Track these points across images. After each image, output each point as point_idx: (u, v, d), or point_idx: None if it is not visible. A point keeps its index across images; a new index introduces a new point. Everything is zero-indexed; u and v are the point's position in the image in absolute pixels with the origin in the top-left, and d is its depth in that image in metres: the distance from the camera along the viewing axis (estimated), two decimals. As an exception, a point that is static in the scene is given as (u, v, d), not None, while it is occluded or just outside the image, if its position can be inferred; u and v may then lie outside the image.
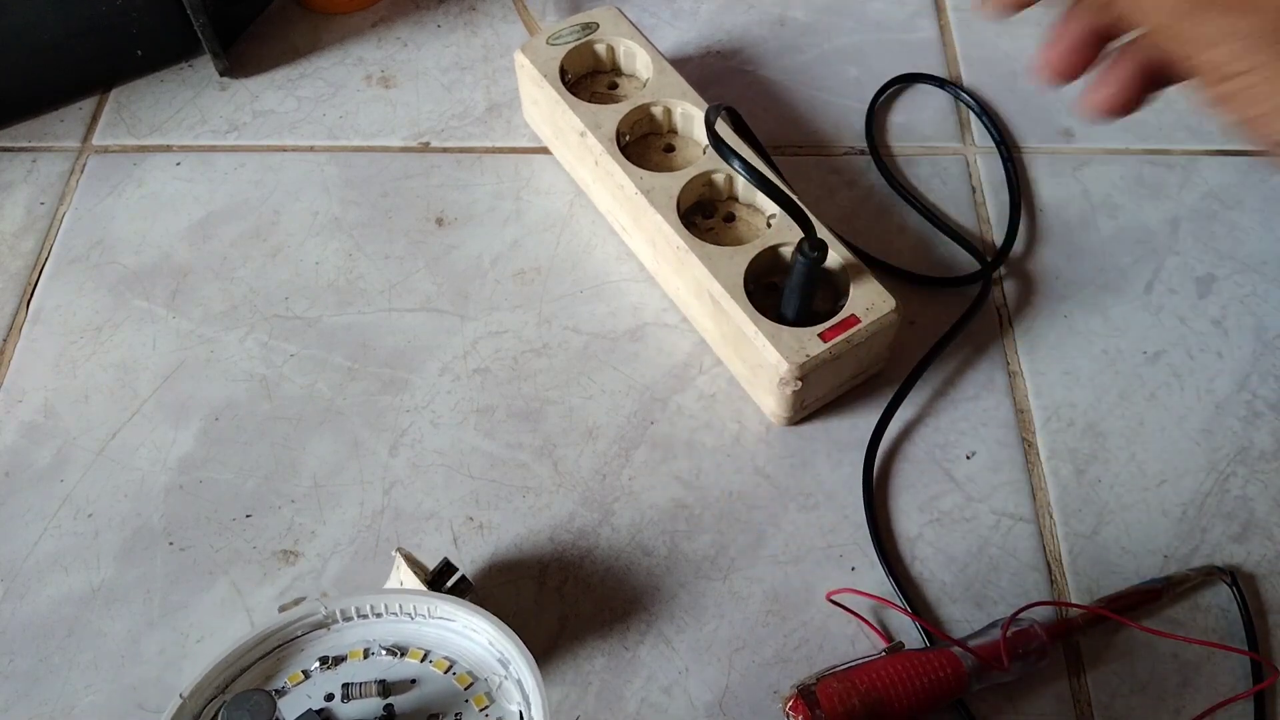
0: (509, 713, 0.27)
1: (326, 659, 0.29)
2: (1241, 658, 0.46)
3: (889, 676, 0.42)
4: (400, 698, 0.28)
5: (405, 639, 0.29)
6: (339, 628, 0.30)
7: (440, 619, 0.29)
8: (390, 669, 0.29)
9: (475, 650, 0.29)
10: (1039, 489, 0.50)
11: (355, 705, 0.28)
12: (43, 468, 0.51)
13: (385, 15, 0.69)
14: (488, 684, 0.28)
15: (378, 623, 0.30)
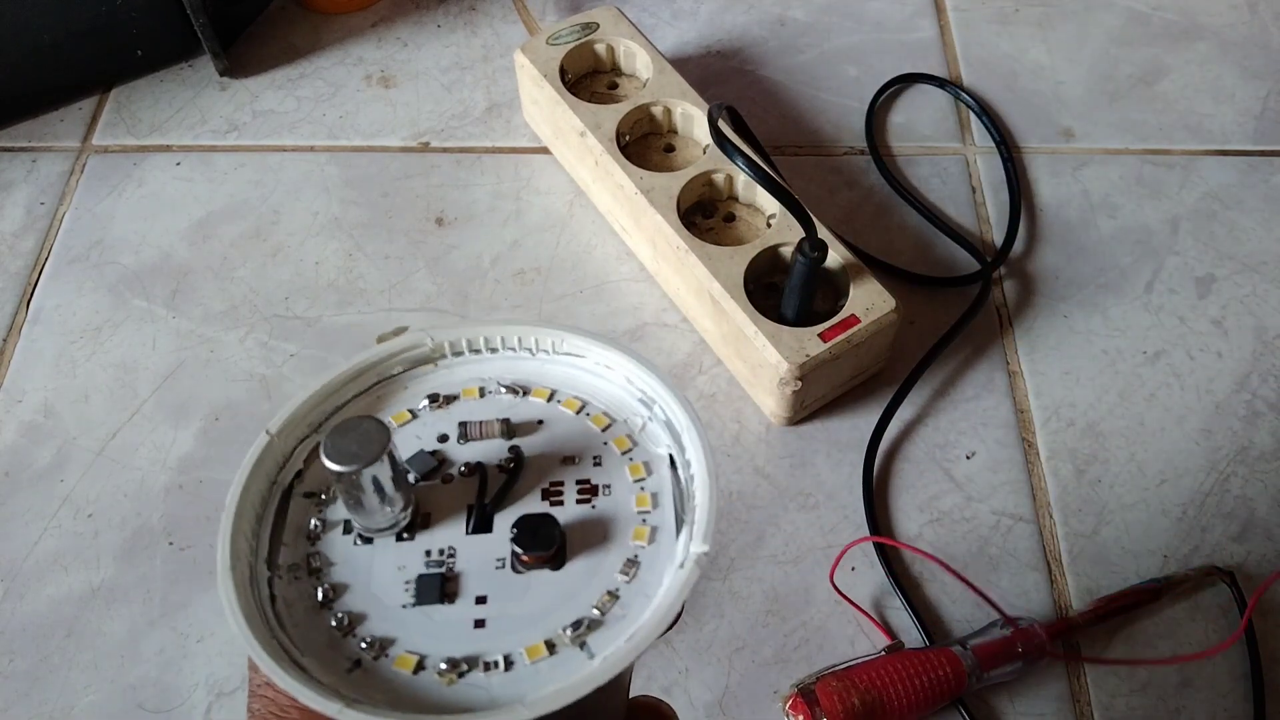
0: (656, 456, 0.23)
1: (436, 397, 0.25)
2: (1242, 658, 0.46)
3: (889, 676, 0.42)
4: (526, 439, 0.24)
5: (527, 377, 0.25)
6: (448, 364, 0.26)
7: (568, 354, 0.25)
8: (512, 409, 0.24)
9: (610, 389, 0.25)
10: (1039, 489, 0.50)
11: (474, 446, 0.24)
12: (43, 468, 0.51)
13: (385, 15, 0.69)
14: (628, 425, 0.24)
15: (493, 359, 0.26)
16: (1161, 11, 0.69)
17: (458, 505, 0.23)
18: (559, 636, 0.20)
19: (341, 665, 0.21)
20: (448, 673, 0.20)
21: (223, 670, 0.46)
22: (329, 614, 0.22)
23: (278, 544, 0.23)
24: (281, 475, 0.24)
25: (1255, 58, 0.66)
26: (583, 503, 0.23)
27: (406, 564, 0.22)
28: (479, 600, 0.21)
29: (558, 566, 0.22)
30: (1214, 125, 0.63)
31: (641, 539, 0.22)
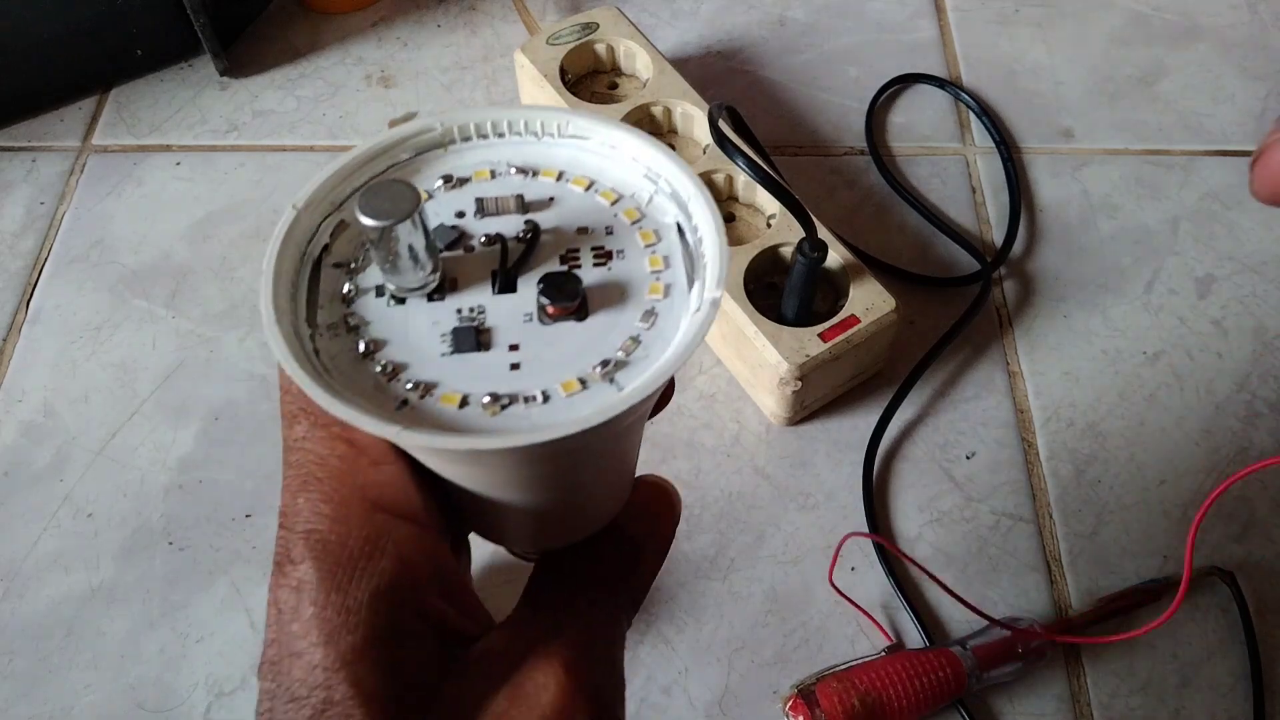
0: (664, 224, 0.25)
1: (450, 178, 0.26)
2: (1242, 657, 0.46)
3: (889, 676, 0.42)
4: (540, 214, 0.25)
5: (535, 159, 0.26)
6: (457, 149, 0.27)
7: (573, 137, 0.27)
8: (524, 188, 0.26)
9: (616, 169, 0.26)
10: (1039, 489, 0.50)
11: (492, 221, 0.25)
12: (43, 467, 0.51)
13: (385, 15, 0.69)
14: (635, 199, 0.25)
15: (501, 143, 0.27)
16: (1161, 12, 0.69)
17: (481, 272, 0.24)
18: (589, 374, 0.22)
19: (389, 404, 0.22)
20: (490, 405, 0.22)
21: (223, 670, 0.46)
22: (371, 364, 0.23)
23: (314, 306, 0.24)
24: (310, 248, 0.25)
25: (1255, 58, 0.66)
26: (599, 266, 0.24)
27: (440, 319, 0.24)
28: (512, 348, 0.23)
29: (582, 318, 0.23)
30: (1214, 125, 0.63)
31: (657, 294, 0.23)
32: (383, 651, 0.21)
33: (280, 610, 0.22)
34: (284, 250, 0.24)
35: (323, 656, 0.21)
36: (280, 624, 0.22)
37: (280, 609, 0.22)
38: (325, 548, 0.22)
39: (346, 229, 0.25)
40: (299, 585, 0.22)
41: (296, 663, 0.21)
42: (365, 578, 0.22)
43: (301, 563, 0.22)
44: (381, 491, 0.23)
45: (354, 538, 0.22)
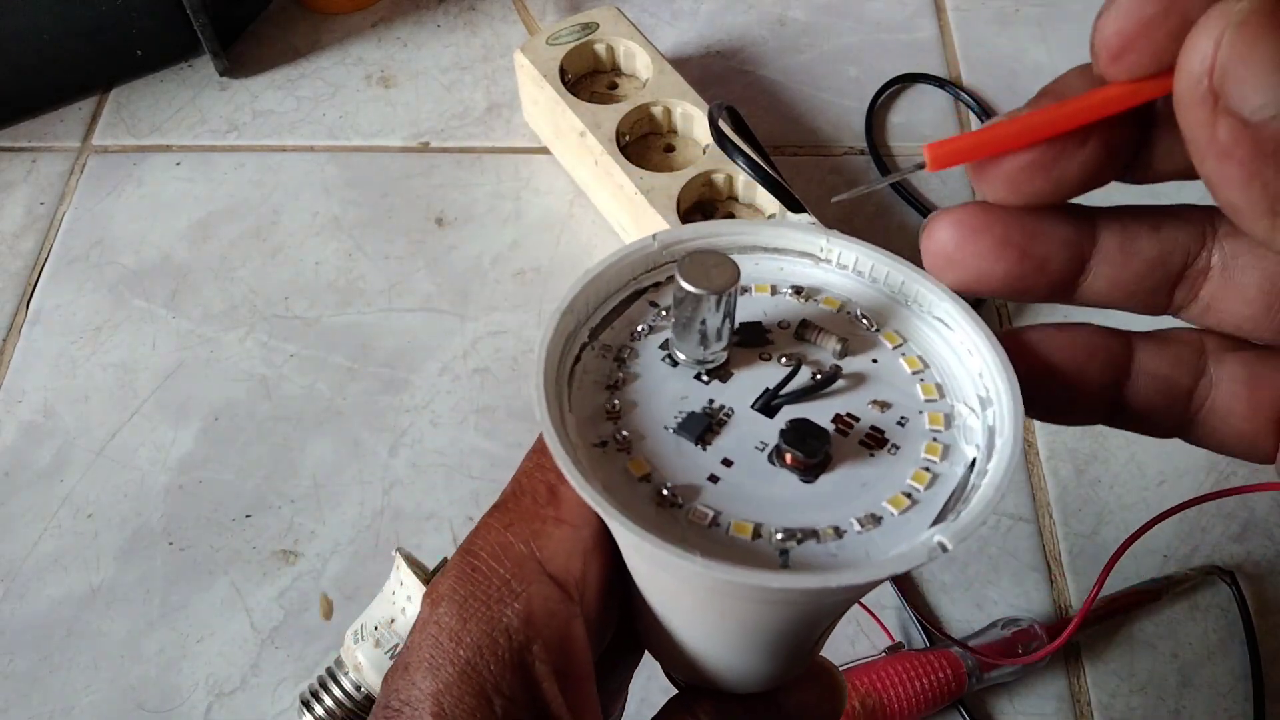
0: (960, 450, 0.23)
1: (800, 289, 0.26)
2: (1242, 657, 0.46)
3: (889, 678, 0.42)
4: (851, 363, 0.25)
5: (886, 316, 0.26)
6: (830, 268, 0.27)
7: (936, 318, 0.26)
8: (856, 334, 0.25)
9: (957, 368, 0.25)
10: (1039, 489, 0.50)
11: (805, 346, 0.25)
12: (43, 468, 0.51)
13: (385, 15, 0.69)
14: (950, 407, 0.24)
15: (864, 287, 0.26)
16: (1161, 11, 0.69)
17: (758, 383, 0.24)
18: (771, 537, 0.22)
19: (590, 438, 0.23)
20: (667, 499, 0.22)
21: (223, 670, 0.46)
22: (607, 395, 0.24)
23: (606, 324, 0.25)
24: (642, 278, 0.26)
25: (1255, 58, 0.66)
26: (865, 446, 0.23)
27: (689, 396, 0.24)
28: (725, 462, 0.23)
29: (808, 480, 0.23)
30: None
31: (896, 506, 0.22)
32: (470, 699, 0.21)
33: (417, 621, 0.23)
34: (623, 263, 0.25)
35: (421, 679, 0.21)
36: (414, 632, 0.22)
37: (417, 620, 0.23)
38: (474, 571, 0.23)
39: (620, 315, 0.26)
40: (437, 599, 0.22)
41: (407, 677, 0.21)
42: (486, 615, 0.22)
43: (446, 577, 0.23)
44: (549, 545, 0.23)
45: (499, 568, 0.23)
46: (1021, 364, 0.23)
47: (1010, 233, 0.22)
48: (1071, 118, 0.20)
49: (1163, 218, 0.22)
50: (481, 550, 0.23)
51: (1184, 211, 0.22)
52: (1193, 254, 0.22)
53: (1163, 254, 0.22)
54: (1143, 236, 0.22)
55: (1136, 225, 0.22)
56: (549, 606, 0.22)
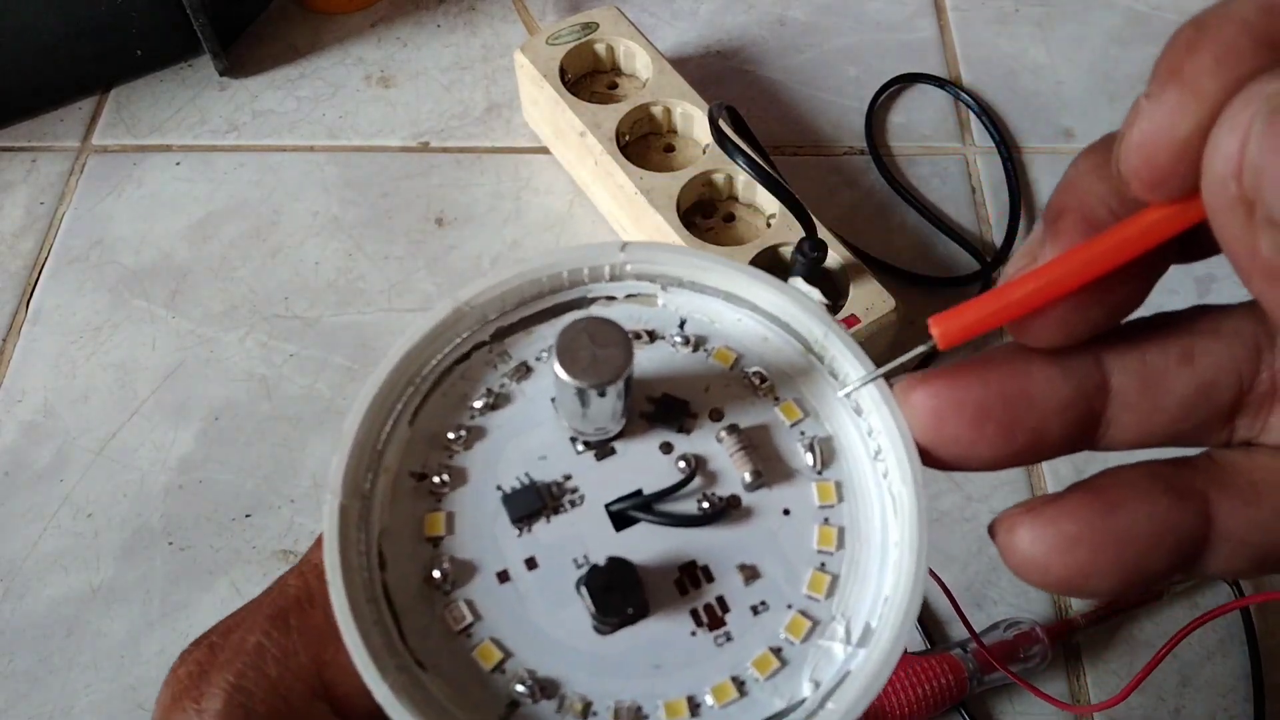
0: (795, 684, 0.20)
1: (765, 378, 0.23)
2: (1242, 657, 0.46)
3: (891, 685, 0.42)
4: (763, 494, 0.21)
5: (789, 380, 0.22)
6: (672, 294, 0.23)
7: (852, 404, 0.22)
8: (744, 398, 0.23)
9: (870, 507, 0.21)
10: (1039, 489, 0.50)
11: (714, 453, 0.22)
12: (42, 468, 0.51)
13: (385, 15, 0.69)
14: (829, 619, 0.20)
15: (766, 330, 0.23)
16: (1161, 11, 0.69)
17: (637, 477, 0.21)
18: (513, 680, 0.20)
19: (412, 464, 0.21)
20: (437, 580, 0.20)
21: (223, 670, 0.46)
22: (466, 415, 0.21)
23: (524, 328, 0.23)
24: (591, 287, 0.23)
25: (1255, 58, 0.66)
26: (695, 618, 0.20)
27: (548, 458, 0.21)
28: (528, 561, 0.20)
29: (600, 631, 0.20)
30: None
31: (671, 714, 0.19)
32: None
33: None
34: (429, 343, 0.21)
35: None
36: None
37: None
38: (247, 717, 0.19)
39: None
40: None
41: None
42: None
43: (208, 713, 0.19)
44: (340, 679, 0.20)
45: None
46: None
47: (989, 404, 0.18)
48: (1108, 258, 0.16)
49: (1194, 339, 0.18)
50: (255, 688, 0.19)
51: (1222, 322, 0.18)
52: (1247, 377, 0.17)
53: (1203, 388, 0.18)
54: (1170, 373, 0.18)
55: (1160, 358, 0.18)
56: None
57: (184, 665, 0.20)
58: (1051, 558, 0.18)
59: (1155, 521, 0.17)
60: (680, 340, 0.23)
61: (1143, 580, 0.18)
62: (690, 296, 0.23)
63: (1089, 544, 0.17)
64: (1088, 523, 0.18)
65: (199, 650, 0.20)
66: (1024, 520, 0.18)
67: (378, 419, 0.21)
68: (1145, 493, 0.18)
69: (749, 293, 0.23)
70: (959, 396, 0.19)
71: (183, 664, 0.21)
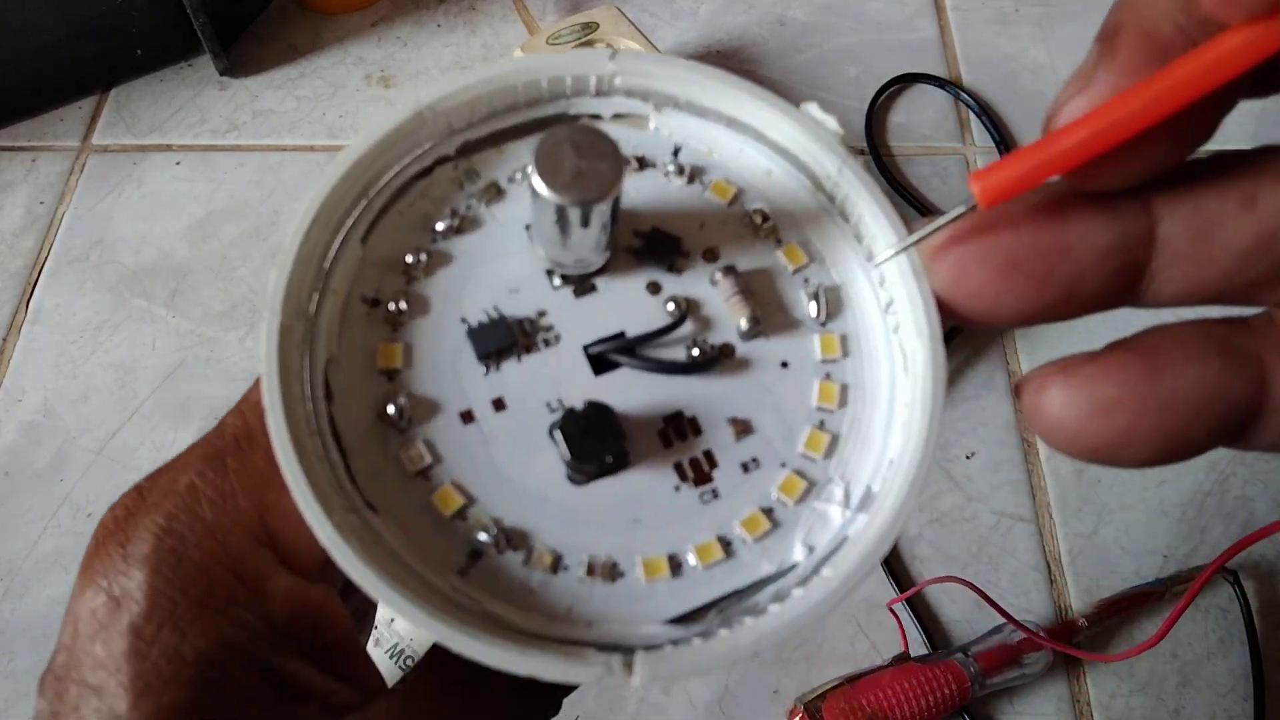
0: (786, 548, 0.18)
1: (684, 169, 0.21)
2: (1242, 657, 0.46)
3: (895, 695, 0.42)
4: (759, 344, 0.19)
5: (795, 221, 0.20)
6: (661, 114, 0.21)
7: (865, 247, 0.20)
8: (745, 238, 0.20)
9: (880, 368, 0.20)
10: (1039, 489, 0.50)
11: (708, 296, 0.20)
12: (43, 467, 0.51)
13: (385, 15, 0.69)
14: (827, 480, 0.19)
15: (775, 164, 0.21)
16: (1162, 11, 0.69)
17: (619, 316, 0.19)
18: (474, 529, 0.18)
19: (365, 289, 0.19)
20: (392, 417, 0.18)
21: (223, 670, 0.46)
22: (426, 239, 0.19)
23: (494, 143, 0.20)
24: (574, 102, 0.20)
25: (1255, 58, 0.66)
26: (679, 472, 0.18)
27: (521, 291, 0.19)
28: (496, 402, 0.18)
29: (575, 481, 0.18)
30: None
31: (651, 572, 0.18)
32: (211, 717, 0.16)
33: (81, 617, 0.17)
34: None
35: (129, 707, 0.16)
36: (80, 635, 0.17)
37: (81, 614, 0.17)
38: (180, 564, 0.17)
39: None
40: (120, 597, 0.17)
41: (90, 699, 0.16)
42: (214, 624, 0.17)
43: (136, 567, 0.17)
44: (286, 525, 0.18)
45: (220, 569, 0.17)
46: None
47: (1019, 253, 0.16)
48: (1176, 94, 0.14)
49: (1258, 181, 0.15)
50: (188, 532, 0.17)
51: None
52: None
53: (1264, 237, 0.15)
54: (1228, 220, 0.15)
55: (1216, 202, 0.15)
56: (295, 601, 0.18)
57: (110, 512, 0.19)
58: (1085, 423, 0.16)
59: (1204, 386, 0.15)
60: (674, 169, 0.20)
61: (1183, 451, 0.16)
62: (686, 120, 0.20)
63: (1128, 408, 0.16)
64: (1128, 385, 0.16)
65: (126, 496, 0.19)
66: (1056, 380, 0.16)
67: (324, 233, 0.18)
68: (1195, 354, 0.16)
69: (754, 117, 0.20)
70: (985, 244, 0.17)
71: (109, 511, 0.19)
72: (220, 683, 0.17)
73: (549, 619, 0.17)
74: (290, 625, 0.18)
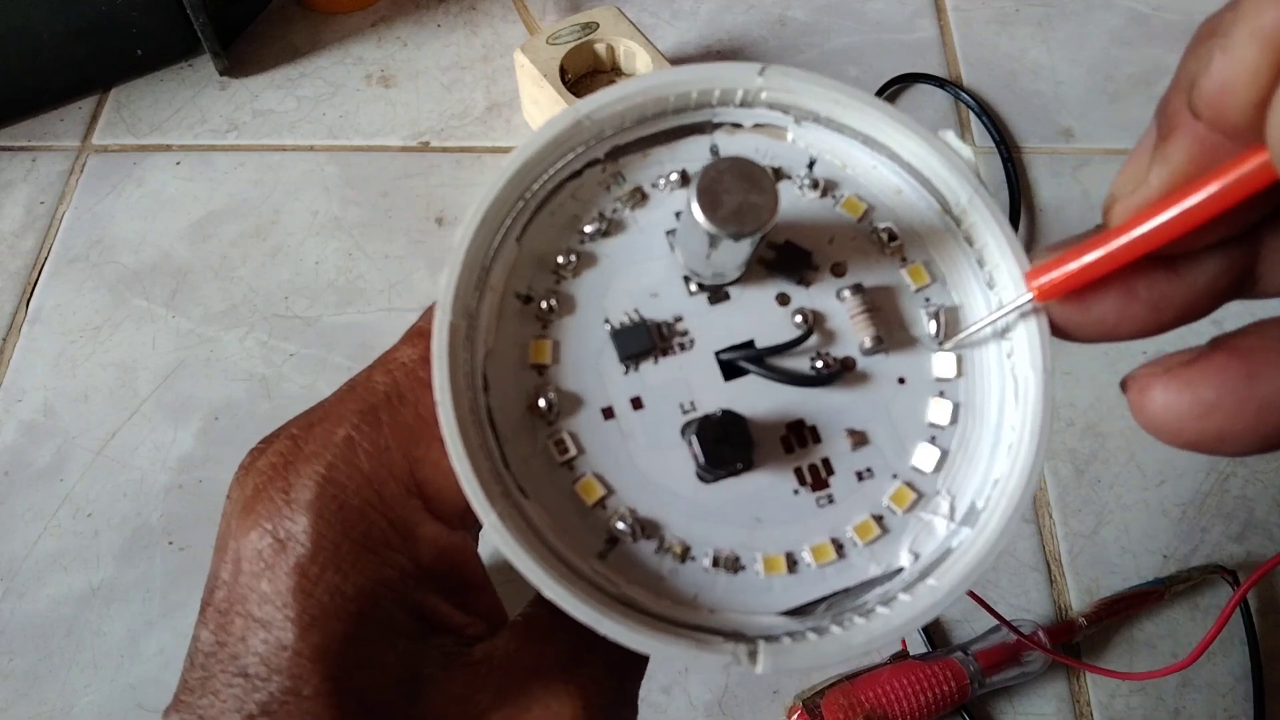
0: (893, 553, 0.19)
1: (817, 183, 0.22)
2: (1242, 657, 0.46)
3: (894, 692, 0.42)
4: (878, 360, 0.20)
5: (921, 240, 0.21)
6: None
7: (986, 274, 0.21)
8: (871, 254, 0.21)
9: (990, 395, 0.21)
10: (1039, 489, 0.50)
11: (836, 312, 0.21)
12: (42, 467, 0.51)
13: (385, 15, 0.69)
14: (934, 493, 0.20)
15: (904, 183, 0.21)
16: (1161, 11, 0.69)
17: (750, 326, 0.20)
18: (613, 517, 0.19)
19: (518, 285, 0.20)
20: (542, 409, 0.19)
21: (222, 670, 0.46)
22: (575, 239, 0.20)
23: (641, 148, 0.21)
24: (718, 111, 0.21)
25: (1255, 58, 0.66)
26: (799, 476, 0.19)
27: (660, 296, 0.20)
28: (634, 401, 0.19)
29: (703, 479, 0.19)
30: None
31: (769, 568, 0.19)
32: (367, 648, 0.18)
33: (245, 556, 0.18)
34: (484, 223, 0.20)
35: (297, 639, 0.17)
36: (244, 573, 0.18)
37: (245, 554, 0.18)
38: (343, 510, 0.19)
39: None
40: (285, 539, 0.18)
41: (257, 631, 0.18)
42: (372, 565, 0.18)
43: (300, 511, 0.18)
44: (434, 476, 0.20)
45: (379, 517, 0.19)
46: None
47: (1136, 285, 0.18)
48: (1225, 198, 0.15)
49: None
50: (349, 481, 0.19)
51: None
52: None
53: None
54: None
55: None
56: (439, 546, 0.20)
57: (263, 458, 0.20)
58: (1185, 422, 0.17)
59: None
60: (808, 183, 0.21)
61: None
62: (824, 134, 0.21)
63: (1225, 410, 0.17)
64: (1226, 388, 0.17)
65: (279, 442, 0.20)
66: (1159, 382, 0.18)
67: (488, 233, 0.20)
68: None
69: (891, 138, 0.21)
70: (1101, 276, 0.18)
71: (260, 457, 0.20)
72: (376, 617, 0.18)
73: (677, 603, 0.18)
74: (434, 567, 0.20)
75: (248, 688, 0.17)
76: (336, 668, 0.18)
